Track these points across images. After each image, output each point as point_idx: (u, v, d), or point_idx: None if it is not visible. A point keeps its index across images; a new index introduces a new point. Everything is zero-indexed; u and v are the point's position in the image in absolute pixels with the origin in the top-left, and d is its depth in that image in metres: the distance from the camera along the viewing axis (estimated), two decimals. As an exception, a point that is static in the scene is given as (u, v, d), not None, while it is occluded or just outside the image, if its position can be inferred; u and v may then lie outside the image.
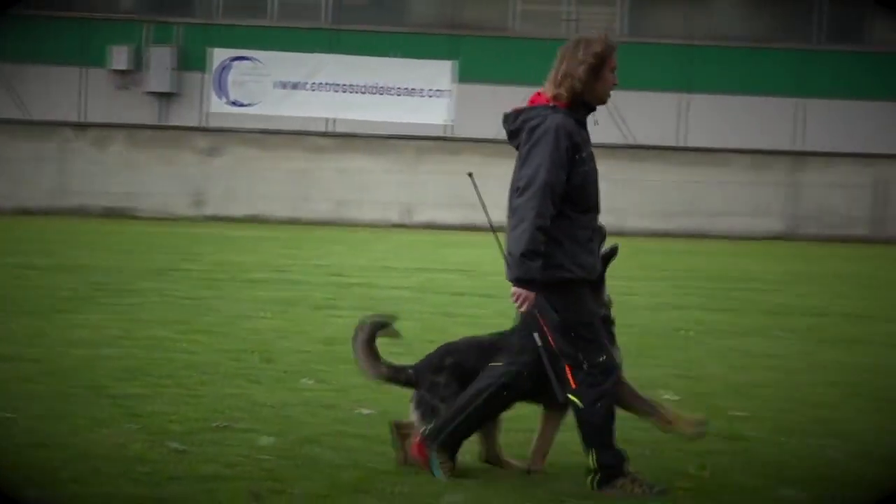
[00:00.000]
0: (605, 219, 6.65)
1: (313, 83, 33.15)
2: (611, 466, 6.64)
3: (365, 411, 8.48)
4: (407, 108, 33.00)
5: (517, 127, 6.74)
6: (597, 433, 6.68)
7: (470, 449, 7.17)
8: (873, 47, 32.94)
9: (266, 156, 32.67)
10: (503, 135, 6.85)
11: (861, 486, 6.82)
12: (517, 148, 6.77)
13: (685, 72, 32.21)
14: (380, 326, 7.27)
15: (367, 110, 32.94)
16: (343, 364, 10.46)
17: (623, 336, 12.68)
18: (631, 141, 31.72)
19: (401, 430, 7.08)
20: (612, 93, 6.79)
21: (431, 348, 11.54)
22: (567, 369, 6.69)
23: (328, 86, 33.11)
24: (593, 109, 6.80)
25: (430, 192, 32.46)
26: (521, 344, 6.87)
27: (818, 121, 32.00)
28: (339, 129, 33.20)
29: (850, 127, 31.93)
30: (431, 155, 32.75)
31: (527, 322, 6.80)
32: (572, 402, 6.70)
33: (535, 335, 6.65)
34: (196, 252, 21.92)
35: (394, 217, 32.49)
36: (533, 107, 6.74)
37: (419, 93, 33.04)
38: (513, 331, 7.12)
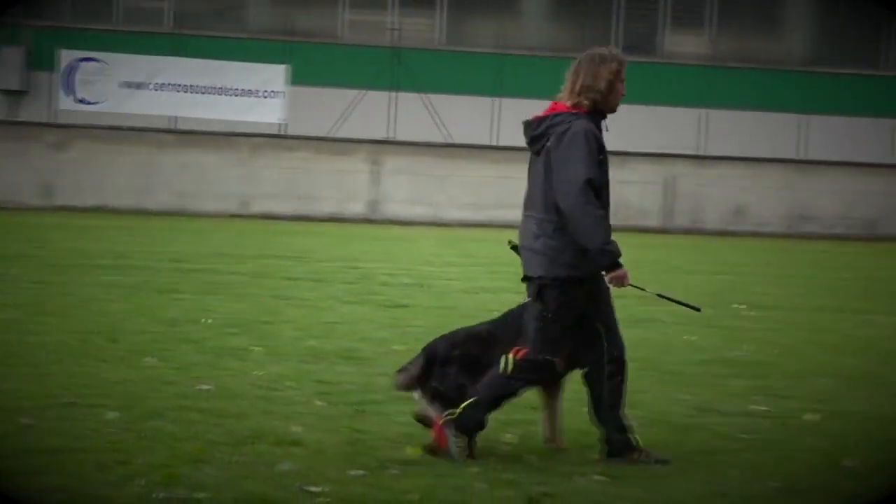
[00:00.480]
0: (424, 211, 6.74)
1: (156, 83, 32.63)
2: (467, 422, 6.63)
3: (204, 387, 8.37)
4: (244, 108, 32.70)
5: (541, 132, 6.69)
6: (492, 395, 6.71)
7: (303, 420, 7.13)
8: (664, 58, 33.64)
9: (112, 150, 32.05)
10: (334, 133, 6.83)
11: (656, 448, 6.96)
12: (537, 153, 6.72)
13: (497, 77, 32.45)
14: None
15: (206, 109, 32.56)
16: (184, 344, 10.34)
17: (441, 318, 12.81)
18: (449, 140, 31.88)
19: (425, 422, 6.95)
20: (431, 96, 6.84)
21: (266, 329, 11.51)
22: (521, 348, 6.74)
23: (170, 86, 32.63)
24: (605, 117, 6.85)
25: (266, 185, 32.22)
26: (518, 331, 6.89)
27: (615, 124, 32.55)
28: (181, 126, 32.74)
29: (643, 130, 32.58)
30: (266, 151, 32.49)
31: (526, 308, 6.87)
32: (504, 362, 6.71)
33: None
34: (45, 239, 21.41)
35: (232, 208, 32.15)
36: (557, 113, 6.70)
37: (255, 94, 32.75)
38: (506, 319, 7.08)
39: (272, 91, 32.73)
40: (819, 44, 34.18)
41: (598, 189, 6.57)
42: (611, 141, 6.74)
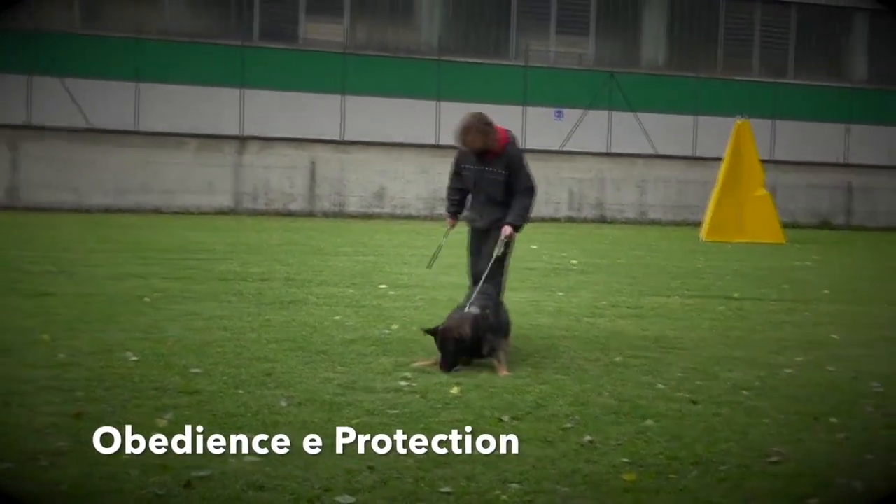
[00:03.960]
0: (67, 197, 6.52)
1: None
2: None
3: None
4: None
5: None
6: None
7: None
8: (304, 46, 33.78)
9: None
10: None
11: (296, 427, 6.99)
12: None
13: (136, 63, 31.73)
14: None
15: None
16: None
17: (87, 305, 12.41)
18: (89, 125, 30.96)
19: None
20: (70, 80, 6.69)
21: None
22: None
23: None
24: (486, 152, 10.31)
25: None
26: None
27: (254, 111, 32.50)
28: None
29: (287, 116, 32.65)
30: None
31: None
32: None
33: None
34: None
35: None
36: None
37: None
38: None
39: None
40: (447, 34, 35.10)
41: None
42: (252, 125, 6.74)
